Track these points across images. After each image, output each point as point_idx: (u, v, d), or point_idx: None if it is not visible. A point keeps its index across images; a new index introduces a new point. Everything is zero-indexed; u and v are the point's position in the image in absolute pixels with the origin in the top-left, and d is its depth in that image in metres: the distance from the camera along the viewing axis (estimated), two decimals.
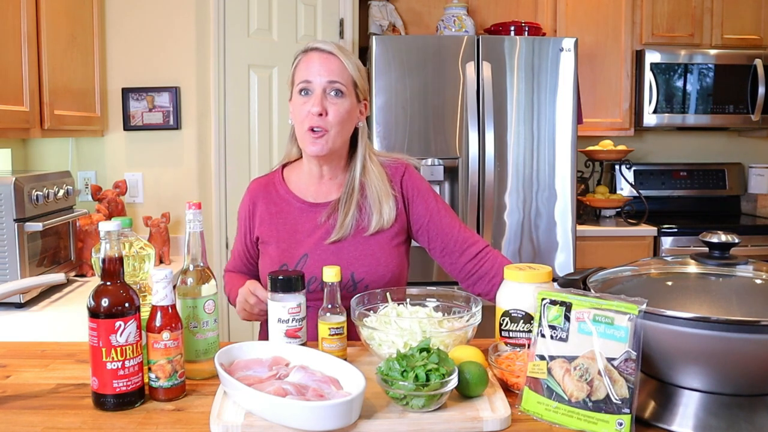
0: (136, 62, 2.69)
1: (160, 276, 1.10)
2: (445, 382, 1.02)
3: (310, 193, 1.57)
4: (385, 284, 1.50)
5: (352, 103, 1.49)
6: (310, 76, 1.46)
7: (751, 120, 3.55)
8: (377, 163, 1.56)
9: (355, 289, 1.49)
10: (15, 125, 1.96)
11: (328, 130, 1.45)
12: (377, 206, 1.51)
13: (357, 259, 1.50)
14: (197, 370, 1.21)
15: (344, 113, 1.46)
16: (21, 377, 1.23)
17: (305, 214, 1.54)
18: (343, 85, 1.46)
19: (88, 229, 2.38)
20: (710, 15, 3.58)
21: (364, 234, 1.52)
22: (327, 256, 1.50)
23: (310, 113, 1.44)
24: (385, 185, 1.53)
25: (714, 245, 1.10)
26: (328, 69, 1.46)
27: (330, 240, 1.51)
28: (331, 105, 1.45)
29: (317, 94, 1.45)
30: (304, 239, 1.53)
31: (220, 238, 2.78)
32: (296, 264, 1.50)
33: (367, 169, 1.54)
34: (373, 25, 3.46)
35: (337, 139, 1.47)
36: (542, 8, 3.55)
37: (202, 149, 2.74)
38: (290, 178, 1.60)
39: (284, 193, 1.58)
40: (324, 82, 1.45)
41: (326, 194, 1.56)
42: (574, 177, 3.07)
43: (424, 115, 2.96)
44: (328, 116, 1.45)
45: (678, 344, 0.95)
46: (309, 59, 1.48)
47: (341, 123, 1.46)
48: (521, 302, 1.25)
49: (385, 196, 1.52)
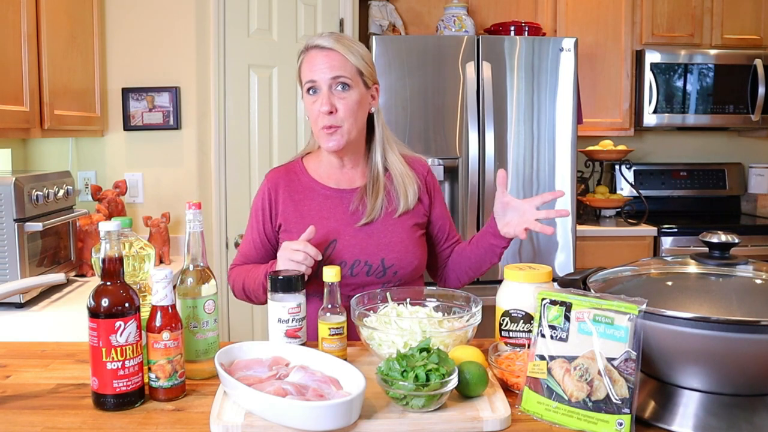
0: (136, 62, 2.69)
1: (160, 276, 1.10)
2: (445, 382, 1.02)
3: (332, 180, 1.58)
4: (411, 272, 1.53)
5: (360, 93, 1.50)
6: (314, 74, 1.47)
7: (751, 120, 3.55)
8: (395, 148, 1.60)
9: (384, 274, 1.51)
10: (15, 125, 1.96)
11: (341, 125, 1.47)
12: (402, 189, 1.55)
13: (387, 244, 1.52)
14: (197, 370, 1.21)
15: (354, 105, 1.48)
16: (21, 377, 1.23)
17: (330, 200, 1.55)
18: (348, 78, 1.47)
19: (88, 229, 2.38)
20: (710, 15, 3.58)
21: (393, 216, 1.54)
22: (357, 241, 1.51)
23: (320, 112, 1.46)
24: (407, 169, 1.58)
25: (714, 245, 1.10)
26: (330, 65, 1.46)
27: (361, 222, 1.52)
28: (339, 100, 1.47)
29: (324, 92, 1.46)
30: (332, 225, 1.53)
31: (220, 238, 2.78)
32: (325, 250, 1.50)
33: (387, 152, 1.57)
34: (373, 25, 3.46)
35: (351, 131, 1.49)
36: (542, 8, 3.55)
37: (202, 149, 2.74)
38: (310, 166, 1.61)
39: (307, 181, 1.59)
40: (328, 79, 1.46)
41: (350, 181, 1.58)
42: (574, 177, 3.07)
43: (424, 115, 2.96)
44: (338, 112, 1.46)
45: (678, 344, 0.95)
46: (311, 58, 1.49)
47: (352, 115, 1.48)
48: (521, 302, 1.25)
49: (409, 179, 1.56)
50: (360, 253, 1.50)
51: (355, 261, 1.49)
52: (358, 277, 1.49)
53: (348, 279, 1.48)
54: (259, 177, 2.85)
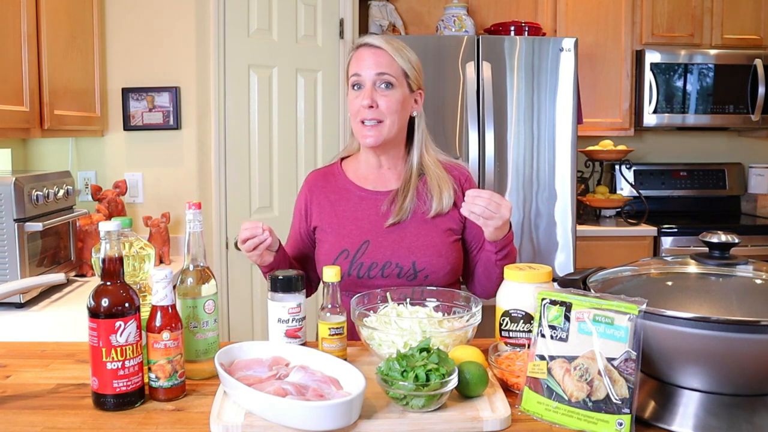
0: (136, 62, 2.69)
1: (160, 276, 1.10)
2: (445, 382, 1.02)
3: (369, 182, 1.59)
4: (444, 276, 1.52)
5: (404, 93, 1.52)
6: (360, 69, 1.51)
7: (751, 120, 3.55)
8: (433, 153, 1.60)
9: (415, 278, 1.50)
10: (15, 125, 1.96)
11: (382, 120, 1.49)
12: (437, 191, 1.54)
13: (419, 248, 1.51)
14: (197, 370, 1.21)
15: (395, 104, 1.50)
16: (21, 377, 1.23)
17: (365, 202, 1.56)
18: (393, 77, 1.50)
19: (88, 229, 2.38)
20: (710, 15, 3.58)
21: (425, 218, 1.54)
22: (389, 243, 1.51)
23: (361, 106, 1.49)
24: (444, 174, 1.57)
25: (714, 245, 1.10)
26: (377, 62, 1.50)
27: (389, 222, 1.52)
28: (382, 97, 1.49)
29: (367, 87, 1.50)
30: (366, 226, 1.54)
31: (220, 238, 2.78)
32: (357, 250, 1.51)
33: (424, 156, 1.58)
34: (373, 25, 3.46)
35: (391, 128, 1.51)
36: (542, 8, 3.55)
37: (202, 149, 2.74)
38: (349, 168, 1.63)
39: (344, 182, 1.60)
40: (373, 75, 1.49)
41: (386, 183, 1.59)
42: (574, 177, 3.07)
43: (424, 115, 2.95)
44: (379, 107, 1.49)
45: (678, 344, 0.95)
46: (359, 55, 1.53)
47: (394, 113, 1.50)
48: (521, 302, 1.25)
49: (445, 183, 1.56)
50: (391, 254, 1.50)
51: (386, 262, 1.50)
52: (389, 278, 1.49)
53: (379, 281, 1.48)
54: (260, 177, 2.85)
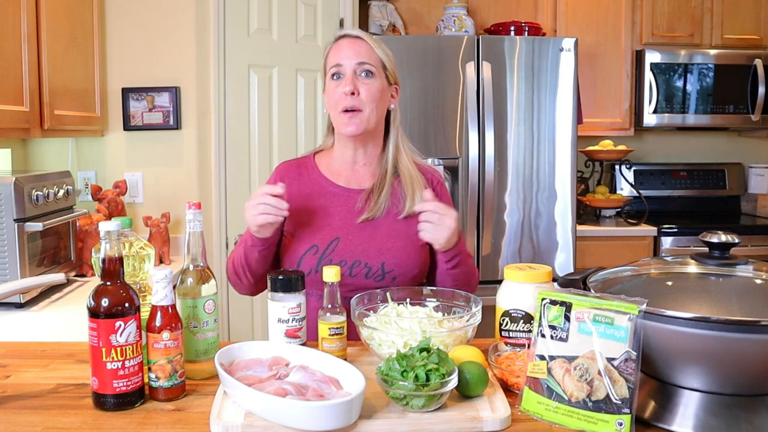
0: (136, 62, 2.69)
1: (160, 276, 1.10)
2: (445, 382, 1.02)
3: (342, 178, 1.59)
4: (410, 280, 1.52)
5: (383, 84, 1.53)
6: (341, 59, 1.51)
7: (751, 120, 3.55)
8: (410, 152, 1.61)
9: (383, 279, 1.50)
10: (15, 125, 1.96)
11: (362, 109, 1.49)
12: (410, 190, 1.55)
13: (389, 249, 1.51)
14: (197, 370, 1.21)
15: (376, 92, 1.51)
16: (21, 377, 1.23)
17: (338, 198, 1.56)
18: (373, 66, 1.51)
19: (88, 229, 2.38)
20: (710, 15, 3.58)
21: (397, 219, 1.54)
22: (359, 242, 1.51)
23: (342, 94, 1.49)
24: (418, 173, 1.58)
25: (714, 245, 1.10)
26: (357, 51, 1.51)
27: (362, 218, 1.52)
28: (363, 85, 1.50)
29: (348, 75, 1.50)
30: (337, 223, 1.53)
31: (220, 238, 2.78)
32: (326, 247, 1.50)
33: (399, 153, 1.59)
34: (373, 25, 3.46)
35: (371, 117, 1.51)
36: (542, 8, 3.55)
37: (202, 149, 2.74)
38: (321, 163, 1.63)
39: (317, 176, 1.60)
40: (354, 64, 1.50)
41: (359, 181, 1.58)
42: (574, 177, 3.07)
43: (424, 115, 2.96)
44: (360, 95, 1.49)
45: (678, 344, 0.95)
46: (338, 46, 1.54)
47: (374, 101, 1.50)
48: (521, 302, 1.25)
49: (418, 184, 1.56)
50: (361, 254, 1.50)
51: (356, 261, 1.49)
52: (356, 278, 1.49)
53: (347, 279, 1.46)
54: (260, 177, 2.85)
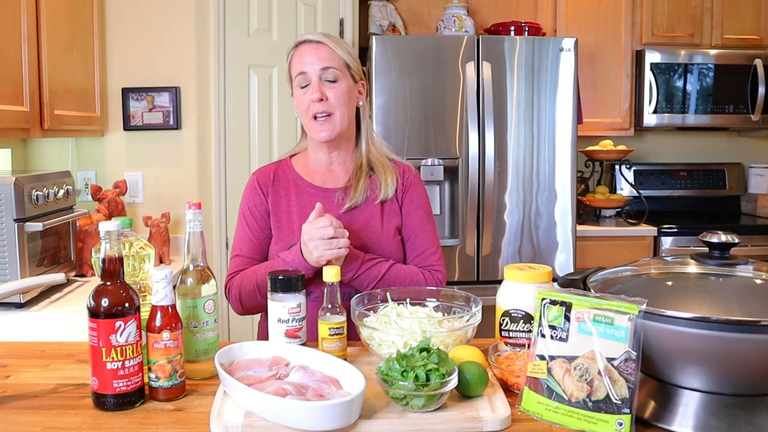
0: (136, 62, 2.69)
1: (160, 276, 1.10)
2: (445, 382, 1.02)
3: (318, 178, 1.61)
4: None
5: (349, 84, 1.55)
6: (304, 66, 1.52)
7: (751, 120, 3.54)
8: (379, 145, 1.64)
9: None
10: (15, 125, 1.96)
11: (333, 112, 1.52)
12: (383, 177, 1.58)
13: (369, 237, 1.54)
14: (197, 370, 1.21)
15: (343, 95, 1.52)
16: (21, 377, 1.23)
17: (316, 198, 1.57)
18: (337, 69, 1.52)
19: (88, 229, 2.38)
20: (710, 15, 3.58)
21: (374, 203, 1.57)
22: None
23: (311, 101, 1.51)
24: (389, 163, 1.62)
25: (714, 245, 1.10)
26: (320, 57, 1.52)
27: (346, 207, 1.55)
28: (329, 89, 1.52)
29: (314, 82, 1.52)
30: None
31: (220, 238, 2.78)
32: None
33: (371, 146, 1.62)
34: (373, 25, 3.46)
35: (342, 120, 1.53)
36: (542, 8, 3.55)
37: (202, 149, 2.74)
38: (298, 164, 1.65)
39: (294, 177, 1.62)
40: (318, 70, 1.51)
41: (335, 180, 1.61)
42: (574, 177, 3.06)
43: (424, 115, 2.96)
44: (329, 100, 1.51)
45: (678, 344, 0.95)
46: (300, 52, 1.55)
47: (343, 104, 1.52)
48: (521, 302, 1.25)
49: (389, 169, 1.60)
50: None
51: None
52: None
53: None
54: None
